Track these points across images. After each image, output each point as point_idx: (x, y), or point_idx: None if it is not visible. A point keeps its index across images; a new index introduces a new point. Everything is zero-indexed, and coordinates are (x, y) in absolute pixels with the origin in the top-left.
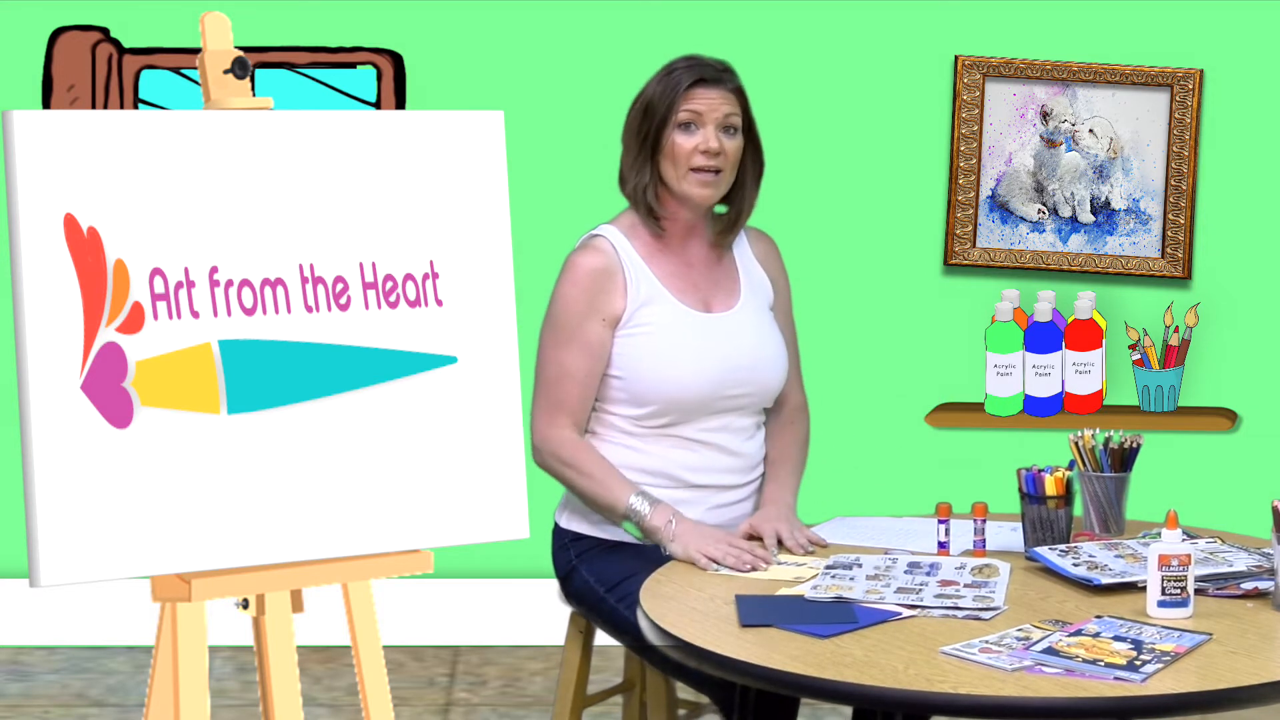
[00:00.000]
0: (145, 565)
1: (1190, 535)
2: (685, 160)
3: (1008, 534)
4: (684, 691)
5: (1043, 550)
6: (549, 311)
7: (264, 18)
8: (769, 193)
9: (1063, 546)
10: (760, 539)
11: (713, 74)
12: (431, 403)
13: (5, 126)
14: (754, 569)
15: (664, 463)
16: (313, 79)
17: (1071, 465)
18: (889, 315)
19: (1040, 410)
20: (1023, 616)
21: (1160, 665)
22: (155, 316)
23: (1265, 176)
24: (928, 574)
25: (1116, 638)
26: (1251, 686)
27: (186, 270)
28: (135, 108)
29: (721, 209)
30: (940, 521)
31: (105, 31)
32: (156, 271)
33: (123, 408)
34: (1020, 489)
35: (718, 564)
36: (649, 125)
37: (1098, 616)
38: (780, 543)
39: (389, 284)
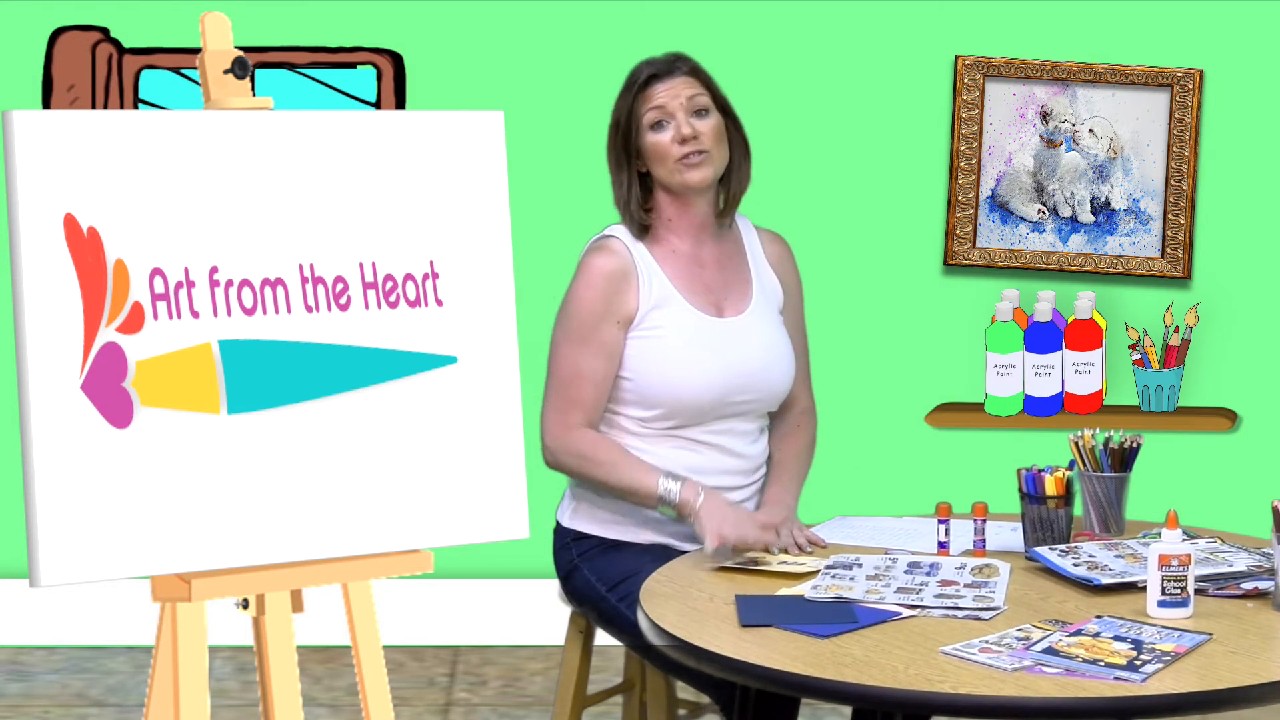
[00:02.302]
0: (145, 565)
1: (1190, 535)
2: (669, 155)
3: (1008, 534)
4: (684, 691)
5: (1043, 550)
6: (563, 312)
7: (264, 18)
8: (770, 193)
9: (1063, 546)
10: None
11: (663, 68)
12: (431, 403)
13: (5, 126)
14: (756, 562)
15: (667, 463)
16: (313, 79)
17: (1071, 465)
18: (889, 315)
19: (1040, 410)
20: (1023, 616)
21: (1160, 665)
22: (155, 316)
23: (1265, 176)
24: (928, 574)
25: (1116, 638)
26: (1251, 686)
27: (186, 270)
28: (135, 108)
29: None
30: (940, 521)
31: (105, 31)
32: (156, 271)
33: (123, 408)
34: (1020, 489)
35: (725, 544)
36: (621, 138)
37: (1098, 616)
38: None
39: (389, 284)
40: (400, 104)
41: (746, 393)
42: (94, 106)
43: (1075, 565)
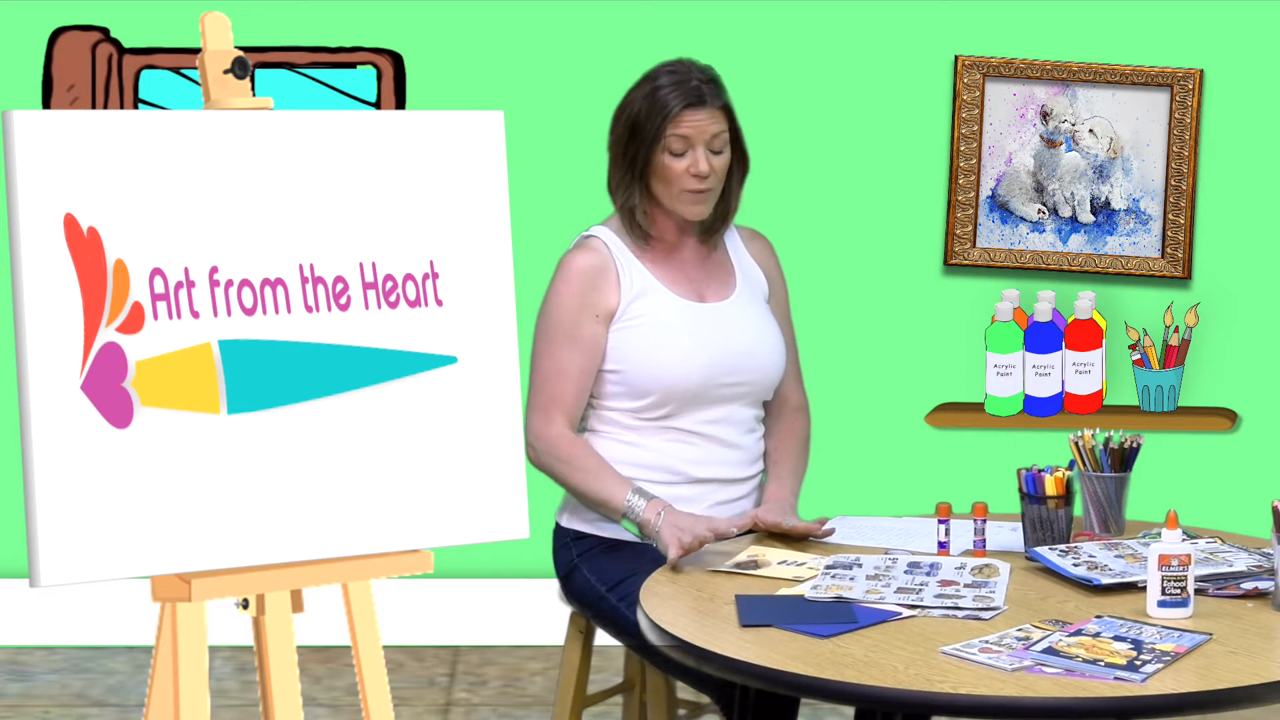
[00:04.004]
0: (145, 565)
1: (1190, 535)
2: (677, 182)
3: (1008, 534)
4: (684, 691)
5: (1043, 550)
6: (543, 311)
7: (264, 18)
8: (770, 193)
9: (1063, 546)
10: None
11: (698, 96)
12: (431, 403)
13: (5, 126)
14: (756, 564)
15: (665, 457)
16: (313, 79)
17: (1071, 465)
18: (889, 315)
19: (1040, 410)
20: (1023, 616)
21: (1160, 665)
22: (155, 316)
23: (1265, 176)
24: (928, 574)
25: (1116, 638)
26: (1251, 686)
27: (186, 270)
28: (135, 108)
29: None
30: (940, 521)
31: (105, 31)
32: (156, 271)
33: (123, 408)
34: (1020, 489)
35: (687, 550)
36: (636, 146)
37: (1098, 616)
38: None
39: (389, 284)
40: (400, 104)
41: (735, 375)
42: (94, 106)
43: (1075, 565)
